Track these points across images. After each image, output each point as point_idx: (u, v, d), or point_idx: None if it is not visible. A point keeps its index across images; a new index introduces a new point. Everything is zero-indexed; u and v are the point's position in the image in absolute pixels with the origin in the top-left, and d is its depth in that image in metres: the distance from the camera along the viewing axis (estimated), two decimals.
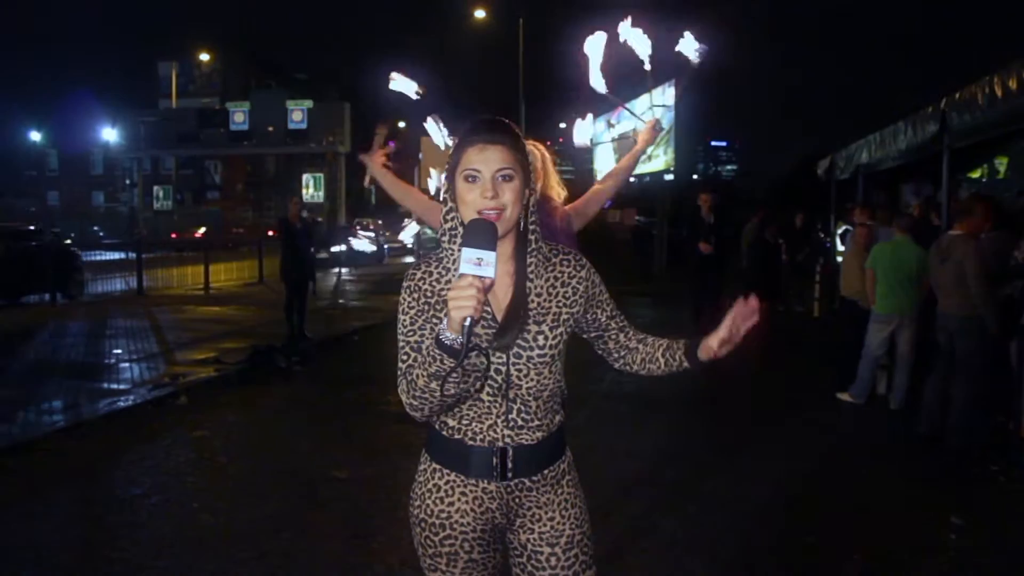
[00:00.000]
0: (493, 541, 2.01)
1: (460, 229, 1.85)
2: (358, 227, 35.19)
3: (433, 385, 1.75)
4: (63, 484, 5.24)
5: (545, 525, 1.97)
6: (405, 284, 1.95)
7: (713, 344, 1.89)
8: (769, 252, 13.14)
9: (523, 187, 1.83)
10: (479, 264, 1.63)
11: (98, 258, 19.34)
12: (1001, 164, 11.32)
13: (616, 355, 2.09)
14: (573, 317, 1.95)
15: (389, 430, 6.32)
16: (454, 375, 1.72)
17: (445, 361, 1.68)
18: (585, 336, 2.07)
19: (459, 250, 1.69)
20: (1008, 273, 6.15)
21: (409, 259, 26.63)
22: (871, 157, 9.87)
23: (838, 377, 7.42)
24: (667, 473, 5.39)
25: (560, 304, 1.92)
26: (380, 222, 39.49)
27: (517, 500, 1.95)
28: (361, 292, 18.28)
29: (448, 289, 1.82)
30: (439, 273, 1.91)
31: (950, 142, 7.15)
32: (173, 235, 45.19)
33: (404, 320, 1.93)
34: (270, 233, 20.11)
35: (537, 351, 1.87)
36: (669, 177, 22.80)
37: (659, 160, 22.55)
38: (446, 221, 1.90)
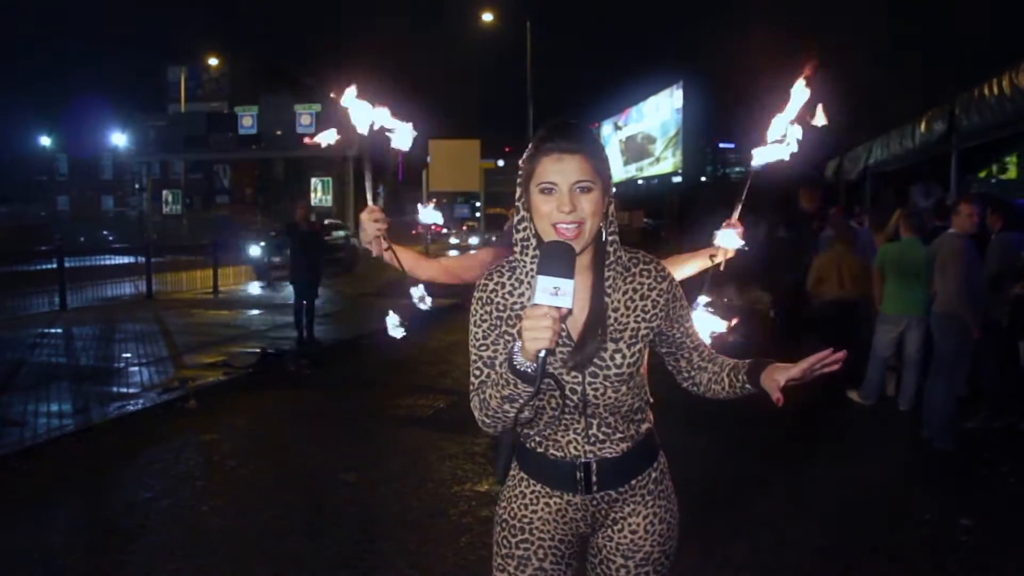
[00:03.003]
0: (568, 555, 1.94)
1: (533, 240, 1.78)
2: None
3: (507, 407, 1.71)
4: (73, 487, 5.26)
5: (626, 536, 1.91)
6: (476, 295, 1.87)
7: (780, 379, 1.78)
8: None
9: (602, 197, 1.73)
10: (556, 293, 1.55)
11: (108, 262, 19.40)
12: (1010, 163, 11.28)
13: (686, 374, 1.98)
14: (652, 332, 1.85)
15: (397, 434, 6.32)
16: (527, 397, 1.66)
17: (519, 386, 1.64)
18: (658, 350, 1.95)
19: (535, 277, 1.59)
20: (1016, 273, 6.15)
21: None
22: (879, 158, 9.85)
23: (846, 376, 7.40)
24: (672, 472, 5.37)
25: (639, 319, 1.82)
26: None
27: (603, 511, 1.90)
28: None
29: (520, 303, 1.79)
30: (512, 285, 1.83)
31: (958, 142, 7.14)
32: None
33: (476, 333, 1.86)
34: (272, 234, 20.06)
35: (615, 370, 1.79)
36: (677, 179, 22.79)
37: (667, 162, 22.56)
38: (518, 231, 1.81)
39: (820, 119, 2.43)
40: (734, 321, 2.53)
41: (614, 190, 1.85)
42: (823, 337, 7.82)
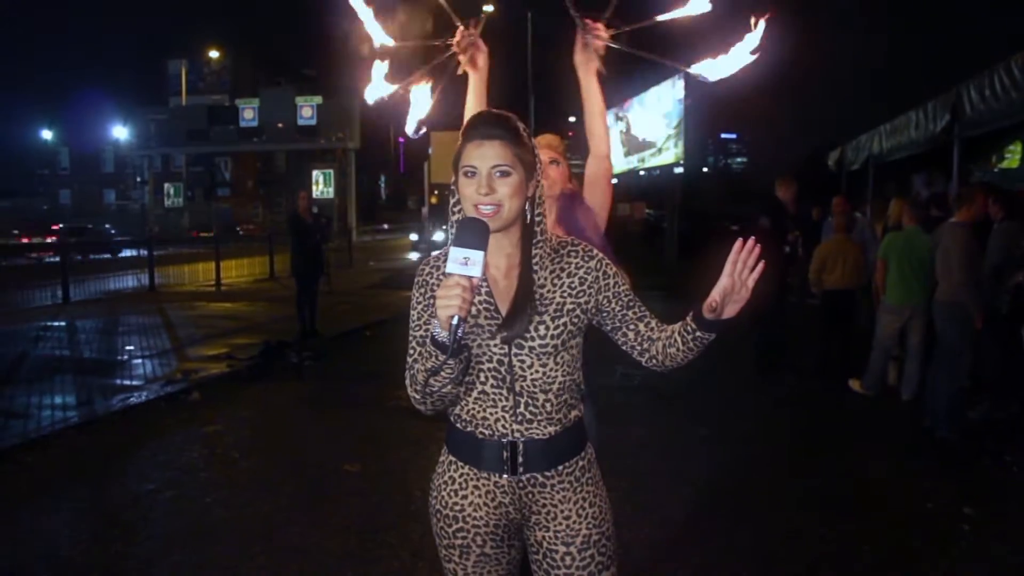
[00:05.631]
0: (508, 537, 1.99)
1: None
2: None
3: (432, 380, 1.77)
4: (77, 479, 5.28)
5: (561, 524, 1.94)
6: (416, 279, 1.97)
7: (716, 296, 1.77)
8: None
9: (524, 181, 1.82)
10: (466, 263, 1.64)
11: (109, 256, 19.42)
12: (1014, 152, 11.24)
13: (639, 348, 1.98)
14: (580, 308, 1.90)
15: (400, 425, 6.33)
16: (447, 370, 1.73)
17: (440, 357, 1.70)
18: (606, 330, 2.00)
19: (448, 248, 1.70)
20: (1018, 262, 6.15)
21: None
22: (882, 148, 9.83)
23: (846, 366, 7.41)
24: (676, 465, 5.38)
25: (565, 295, 1.89)
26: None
27: (531, 496, 1.93)
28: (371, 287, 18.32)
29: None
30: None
31: (960, 131, 7.12)
32: (193, 233, 45.55)
33: (412, 315, 1.96)
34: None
35: (539, 341, 1.86)
36: (679, 170, 22.72)
37: (669, 153, 22.49)
38: (453, 213, 1.91)
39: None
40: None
41: (541, 181, 1.92)
42: (827, 323, 7.85)
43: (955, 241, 5.74)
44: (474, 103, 2.91)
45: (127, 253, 21.04)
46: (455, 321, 1.63)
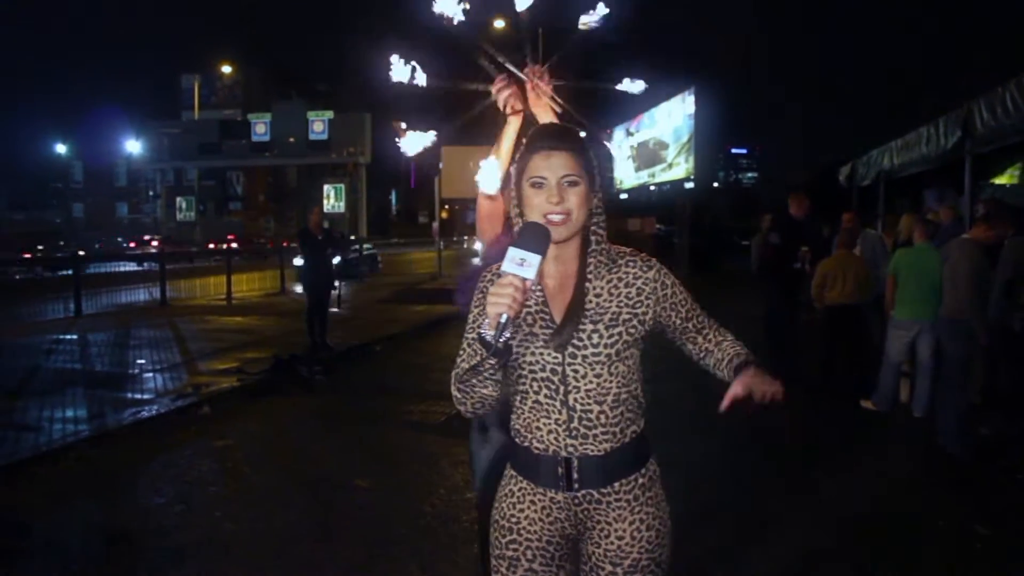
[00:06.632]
0: (559, 556, 1.96)
1: None
2: None
3: (472, 379, 1.81)
4: (88, 493, 5.30)
5: (613, 543, 1.91)
6: (479, 286, 1.97)
7: (733, 390, 1.91)
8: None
9: (588, 191, 1.86)
10: (521, 264, 1.66)
11: (122, 269, 19.53)
12: (1015, 169, 11.21)
13: (696, 357, 2.07)
14: (637, 318, 1.90)
15: (410, 439, 6.33)
16: (489, 369, 1.76)
17: (483, 355, 1.73)
18: (667, 339, 2.05)
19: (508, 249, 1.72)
20: None
21: None
22: (893, 163, 9.82)
23: (860, 385, 7.37)
24: (681, 480, 5.36)
25: (621, 304, 1.89)
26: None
27: (586, 512, 1.91)
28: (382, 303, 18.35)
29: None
30: None
31: (972, 147, 7.10)
32: (211, 244, 45.96)
33: (469, 320, 1.97)
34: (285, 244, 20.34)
35: (591, 349, 1.85)
36: (689, 185, 22.74)
37: (679, 168, 22.52)
38: (514, 225, 1.92)
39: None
40: None
41: (599, 189, 1.93)
42: (828, 340, 7.82)
43: (964, 256, 5.71)
44: (509, 145, 2.84)
45: (131, 267, 21.18)
46: (503, 319, 1.65)
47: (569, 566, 2.00)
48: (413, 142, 2.66)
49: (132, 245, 46.33)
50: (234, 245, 42.15)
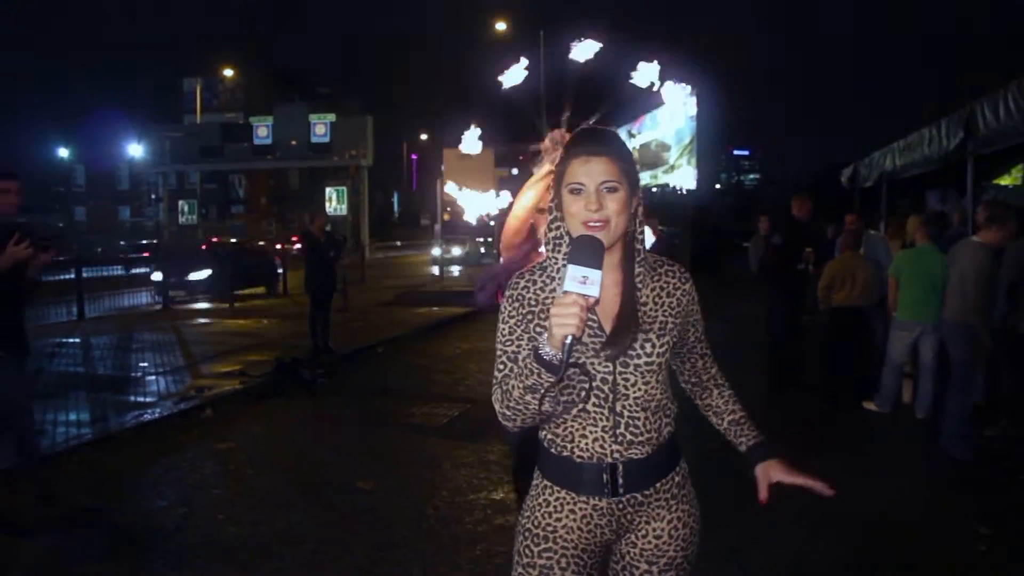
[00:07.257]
0: (591, 564, 1.95)
1: (566, 239, 1.85)
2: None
3: (529, 398, 1.75)
4: (91, 496, 5.29)
5: (650, 542, 1.93)
6: (508, 293, 1.92)
7: (774, 478, 2.15)
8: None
9: (629, 197, 1.80)
10: (584, 282, 1.62)
11: (125, 272, 19.53)
12: (1018, 170, 11.18)
13: (686, 376, 2.08)
14: (677, 327, 1.91)
15: (413, 442, 6.33)
16: (552, 391, 1.72)
17: (543, 375, 1.68)
18: (672, 352, 2.01)
19: (564, 267, 1.67)
20: None
21: None
22: (895, 164, 9.80)
23: (862, 386, 7.36)
24: (692, 483, 5.35)
25: (666, 313, 1.89)
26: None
27: (628, 516, 1.91)
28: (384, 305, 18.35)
29: (551, 298, 1.84)
30: (543, 282, 1.89)
31: (974, 148, 7.09)
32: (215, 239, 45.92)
33: (503, 329, 1.91)
34: (294, 241, 20.29)
35: (644, 359, 1.84)
36: (692, 187, 22.71)
37: (682, 170, 22.51)
38: (551, 230, 1.89)
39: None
40: None
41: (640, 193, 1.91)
42: (833, 341, 7.80)
43: (975, 262, 5.67)
44: (539, 191, 2.90)
45: (142, 269, 21.15)
46: (568, 340, 1.61)
47: (596, 574, 1.99)
48: (512, 76, 2.87)
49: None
50: None
